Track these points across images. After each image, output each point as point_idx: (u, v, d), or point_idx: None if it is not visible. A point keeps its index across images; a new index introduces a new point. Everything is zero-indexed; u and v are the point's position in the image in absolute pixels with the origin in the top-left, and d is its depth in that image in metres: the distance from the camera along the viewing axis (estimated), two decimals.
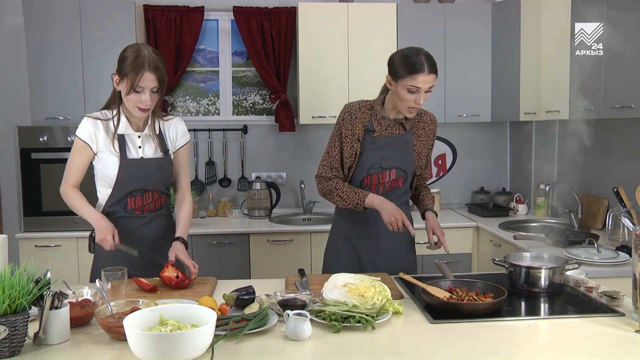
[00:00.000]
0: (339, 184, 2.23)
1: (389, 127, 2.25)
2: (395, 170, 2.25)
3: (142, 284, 1.93)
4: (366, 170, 2.24)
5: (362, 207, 2.19)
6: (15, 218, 3.86)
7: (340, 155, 2.26)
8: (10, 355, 1.38)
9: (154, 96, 2.01)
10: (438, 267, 2.06)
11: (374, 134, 2.23)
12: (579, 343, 1.48)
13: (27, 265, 1.45)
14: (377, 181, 2.24)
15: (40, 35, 3.47)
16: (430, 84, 2.09)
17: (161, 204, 2.20)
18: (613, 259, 2.49)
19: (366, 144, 2.23)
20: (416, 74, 2.06)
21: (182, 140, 2.22)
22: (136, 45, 2.03)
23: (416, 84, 2.07)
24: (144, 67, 1.95)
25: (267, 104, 4.08)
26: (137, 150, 2.11)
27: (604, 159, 3.25)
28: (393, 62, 2.16)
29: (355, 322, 1.56)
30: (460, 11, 3.80)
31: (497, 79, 3.81)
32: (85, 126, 2.08)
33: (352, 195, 2.19)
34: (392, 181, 2.25)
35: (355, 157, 2.23)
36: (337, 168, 2.26)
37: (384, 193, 2.24)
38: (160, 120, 2.17)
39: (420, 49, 2.15)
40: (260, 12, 3.85)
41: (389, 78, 2.18)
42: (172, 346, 1.29)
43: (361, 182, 2.26)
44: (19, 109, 3.78)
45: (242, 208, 3.99)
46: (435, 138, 2.36)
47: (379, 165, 2.23)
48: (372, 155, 2.23)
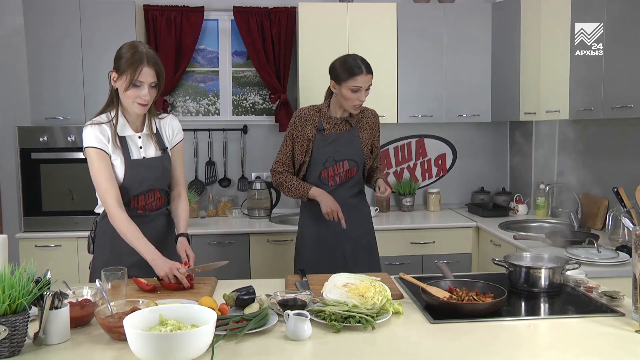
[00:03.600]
0: (288, 177, 2.58)
1: (337, 125, 2.56)
2: (348, 161, 2.55)
3: (142, 284, 1.93)
4: (322, 163, 2.54)
5: (307, 198, 2.53)
6: (15, 218, 3.86)
7: (291, 153, 2.58)
8: (10, 355, 1.38)
9: (152, 91, 2.02)
10: (438, 267, 2.06)
11: (325, 132, 2.55)
12: (579, 343, 1.48)
13: (27, 265, 1.45)
14: (333, 172, 2.55)
15: (40, 35, 3.47)
16: (368, 83, 2.43)
17: (162, 202, 2.21)
18: (613, 259, 2.49)
19: (318, 141, 2.54)
20: (356, 76, 2.40)
21: (178, 137, 2.24)
22: (132, 42, 2.04)
23: (357, 84, 2.41)
24: (142, 61, 1.96)
25: (267, 104, 4.08)
26: (139, 150, 2.11)
27: (604, 159, 3.25)
28: (334, 69, 2.48)
29: (355, 322, 1.56)
30: (460, 11, 3.80)
31: (497, 79, 3.81)
32: (91, 134, 2.02)
33: (298, 187, 2.55)
34: (347, 171, 2.56)
35: (306, 154, 2.54)
36: (287, 164, 2.60)
37: (341, 183, 2.56)
38: (155, 119, 2.18)
39: (356, 55, 2.48)
40: (260, 12, 3.85)
41: (332, 83, 2.49)
42: (172, 346, 1.29)
43: (319, 175, 2.56)
44: (19, 109, 3.78)
45: (242, 208, 3.99)
46: (379, 130, 2.67)
47: (332, 159, 2.54)
48: (326, 150, 2.54)
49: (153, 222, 2.17)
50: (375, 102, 3.92)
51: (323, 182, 2.56)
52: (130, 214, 2.09)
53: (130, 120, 2.10)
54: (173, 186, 2.27)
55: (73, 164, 3.41)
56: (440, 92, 3.80)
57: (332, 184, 2.55)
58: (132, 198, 2.10)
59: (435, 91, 3.81)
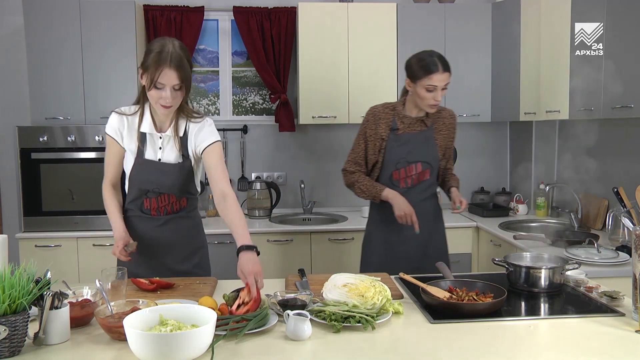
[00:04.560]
0: (360, 177, 2.49)
1: (411, 125, 2.45)
2: (421, 163, 2.45)
3: (141, 284, 1.93)
4: (394, 164, 2.45)
5: (379, 200, 2.43)
6: (15, 218, 3.85)
7: (364, 152, 2.49)
8: (10, 355, 1.37)
9: (177, 94, 1.92)
10: (438, 267, 2.06)
11: (399, 132, 2.44)
12: (579, 343, 1.48)
13: (27, 265, 1.45)
14: (405, 174, 2.45)
15: (40, 35, 3.47)
16: (445, 82, 2.32)
17: (180, 206, 2.13)
18: (613, 259, 2.49)
19: (392, 141, 2.44)
20: (432, 74, 2.29)
21: (210, 139, 2.03)
22: (162, 40, 1.92)
23: (432, 82, 2.30)
24: (164, 63, 1.85)
25: (267, 104, 4.08)
26: (157, 151, 2.05)
27: (604, 159, 3.25)
28: (410, 66, 2.38)
29: (355, 322, 1.56)
30: (460, 11, 3.80)
31: (497, 79, 3.81)
32: (111, 121, 2.08)
33: (370, 188, 2.45)
34: (419, 174, 2.46)
35: (380, 153, 2.45)
36: (360, 163, 2.51)
37: (413, 185, 2.46)
38: (189, 121, 2.05)
39: (433, 51, 2.37)
40: (260, 12, 3.85)
41: (407, 81, 2.39)
42: (172, 346, 1.29)
43: (390, 176, 2.46)
44: (19, 109, 3.78)
45: (242, 208, 3.98)
46: (454, 131, 2.56)
47: (405, 160, 2.44)
48: (399, 151, 2.44)
49: (166, 225, 2.12)
50: (375, 102, 3.92)
51: (394, 184, 2.46)
52: (143, 214, 2.11)
53: (157, 119, 2.04)
54: (213, 186, 2.02)
55: (73, 164, 3.41)
56: None
57: (404, 186, 2.46)
58: (144, 199, 2.09)
59: None
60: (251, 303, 1.61)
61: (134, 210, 2.12)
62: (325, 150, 4.12)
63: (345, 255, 3.51)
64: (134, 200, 2.11)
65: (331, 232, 3.53)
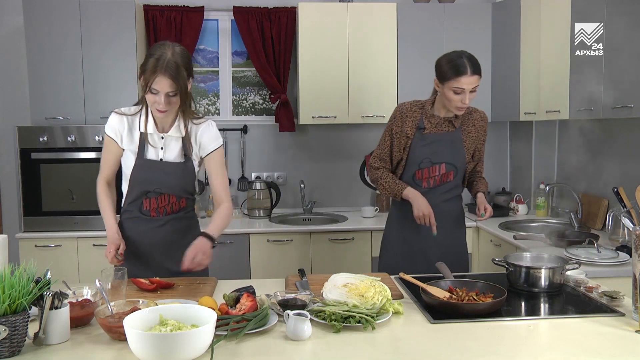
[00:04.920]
0: (384, 174, 2.47)
1: (439, 125, 2.40)
2: (445, 164, 2.41)
3: (141, 284, 1.93)
4: (417, 164, 2.41)
5: (400, 198, 2.42)
6: (15, 218, 3.85)
7: (389, 149, 2.47)
8: (10, 355, 1.37)
9: (172, 100, 1.94)
10: (438, 267, 2.06)
11: (425, 131, 2.40)
12: (579, 343, 1.48)
13: (27, 265, 1.45)
14: (428, 175, 2.42)
15: (40, 35, 3.47)
16: (473, 85, 2.24)
17: (180, 207, 2.14)
18: (613, 259, 2.49)
19: (417, 140, 2.40)
20: (459, 76, 2.22)
21: (213, 145, 2.12)
22: (163, 46, 1.93)
23: (460, 85, 2.23)
24: (159, 70, 1.88)
25: (267, 104, 4.08)
26: (158, 151, 2.07)
27: (604, 159, 3.25)
28: (440, 66, 2.31)
29: (355, 322, 1.56)
30: (460, 11, 3.80)
31: (497, 79, 3.81)
32: (111, 121, 2.08)
33: (393, 185, 2.43)
34: (442, 175, 2.42)
35: (404, 151, 2.42)
36: (385, 160, 2.49)
37: (435, 186, 2.42)
38: (190, 122, 2.08)
39: (463, 52, 2.29)
40: (260, 12, 3.85)
41: (436, 81, 2.34)
42: (172, 346, 1.29)
43: (413, 175, 2.43)
44: (19, 109, 3.78)
45: (242, 208, 3.99)
46: (485, 134, 2.50)
47: (429, 160, 2.40)
48: (423, 151, 2.40)
49: (166, 226, 2.13)
50: (375, 101, 3.92)
51: (417, 183, 2.42)
52: (142, 215, 2.11)
53: (158, 119, 2.05)
54: (213, 194, 2.17)
55: (73, 164, 3.41)
56: None
57: (426, 186, 2.42)
58: (144, 199, 2.09)
59: None
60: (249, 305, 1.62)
61: (133, 212, 2.12)
62: (325, 150, 4.12)
63: (345, 255, 3.51)
64: (133, 202, 2.11)
65: (331, 232, 3.53)
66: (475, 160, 2.52)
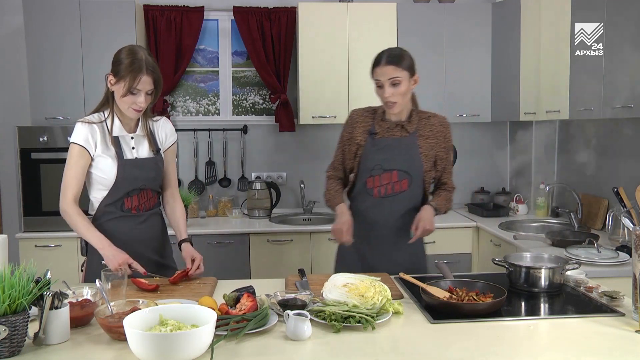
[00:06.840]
0: (330, 184, 2.40)
1: (390, 129, 2.26)
2: (398, 172, 2.24)
3: (141, 284, 1.93)
4: (369, 171, 2.26)
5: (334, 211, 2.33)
6: (15, 218, 3.86)
7: (341, 156, 2.38)
8: (10, 355, 1.38)
9: (148, 98, 2.03)
10: (438, 267, 2.06)
11: (377, 136, 2.27)
12: (579, 343, 1.48)
13: (27, 265, 1.45)
14: (379, 183, 2.25)
15: (40, 35, 3.47)
16: (389, 75, 2.12)
17: (154, 202, 2.23)
18: (613, 259, 2.49)
19: (369, 146, 2.27)
20: (375, 67, 2.16)
21: (171, 139, 2.25)
22: (130, 47, 2.03)
23: (376, 76, 2.16)
24: (142, 70, 1.96)
25: (267, 104, 4.08)
26: (132, 151, 2.12)
27: (604, 159, 3.25)
28: None
29: (355, 322, 1.56)
30: (460, 11, 3.80)
31: (497, 79, 3.81)
32: (81, 131, 2.04)
33: (331, 197, 2.37)
34: (395, 183, 2.24)
35: (355, 158, 2.30)
36: (337, 168, 2.41)
37: (387, 195, 2.25)
38: (150, 121, 2.20)
39: (393, 47, 2.27)
40: (260, 12, 3.85)
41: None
42: (172, 346, 1.29)
43: (365, 183, 2.28)
44: (19, 109, 3.78)
45: (242, 208, 3.99)
46: (448, 141, 2.30)
47: (380, 167, 2.24)
48: (375, 157, 2.25)
49: (147, 221, 2.18)
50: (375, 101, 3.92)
51: (368, 192, 2.26)
52: (124, 214, 2.11)
53: (124, 121, 2.12)
54: (165, 187, 2.29)
55: None
56: (440, 92, 3.80)
57: (377, 195, 2.25)
58: (125, 199, 2.10)
59: (435, 91, 3.80)
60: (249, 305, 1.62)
61: (114, 212, 2.10)
62: (325, 151, 4.10)
63: None
64: (114, 202, 2.10)
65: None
66: (439, 170, 2.32)
